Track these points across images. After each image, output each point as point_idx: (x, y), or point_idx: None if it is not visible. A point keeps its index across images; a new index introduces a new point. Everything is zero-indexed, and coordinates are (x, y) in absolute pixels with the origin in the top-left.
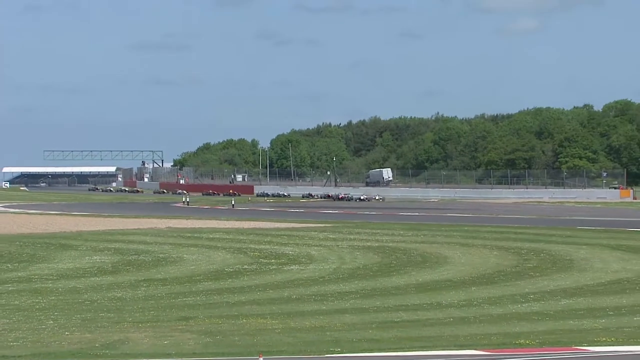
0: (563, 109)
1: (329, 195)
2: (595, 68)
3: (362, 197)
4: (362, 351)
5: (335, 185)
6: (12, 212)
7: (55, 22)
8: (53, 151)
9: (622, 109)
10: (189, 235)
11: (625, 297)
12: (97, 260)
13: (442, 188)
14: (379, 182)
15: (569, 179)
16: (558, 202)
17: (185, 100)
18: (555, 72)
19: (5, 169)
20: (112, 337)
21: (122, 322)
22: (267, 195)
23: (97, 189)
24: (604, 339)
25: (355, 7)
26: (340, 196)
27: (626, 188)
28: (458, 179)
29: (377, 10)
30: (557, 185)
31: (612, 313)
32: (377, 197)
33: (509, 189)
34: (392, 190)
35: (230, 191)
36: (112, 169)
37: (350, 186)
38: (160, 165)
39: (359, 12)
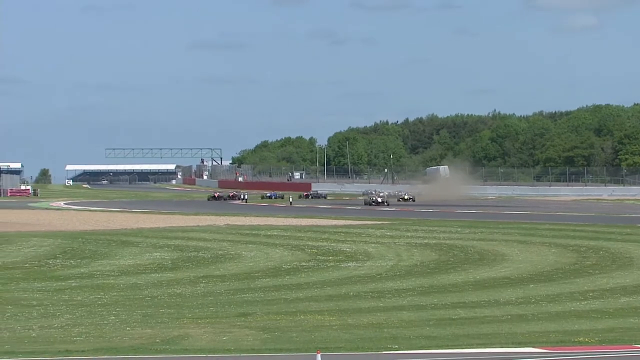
0: (623, 106)
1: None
2: None
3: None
4: (419, 348)
5: (393, 183)
6: (74, 209)
7: (114, 22)
8: (114, 149)
9: None
10: (247, 232)
11: None
12: (157, 256)
13: (500, 185)
14: (436, 179)
15: (629, 176)
16: (618, 199)
17: (243, 98)
18: (615, 68)
19: (68, 167)
20: (172, 332)
21: (181, 318)
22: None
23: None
24: None
25: (411, 5)
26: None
27: None
28: (516, 177)
29: (432, 8)
30: (616, 182)
31: None
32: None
33: (568, 186)
34: (452, 187)
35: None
36: (172, 166)
37: (407, 183)
38: (219, 163)
39: (415, 10)
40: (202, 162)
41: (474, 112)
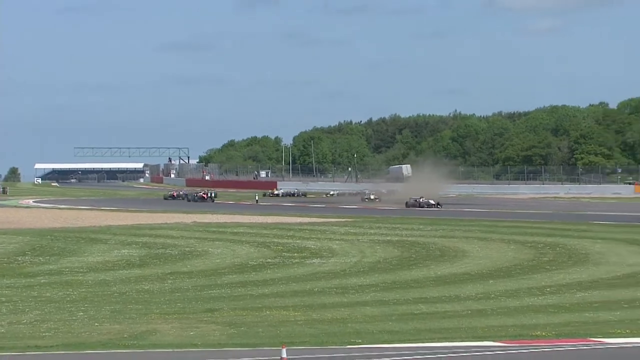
0: (579, 107)
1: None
2: (610, 66)
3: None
4: (382, 342)
5: (356, 182)
6: (43, 207)
7: (83, 23)
8: (83, 148)
9: (636, 107)
10: (214, 229)
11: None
12: (125, 253)
13: (460, 184)
14: (399, 178)
15: (585, 175)
16: (574, 197)
17: (211, 98)
18: (572, 70)
19: (38, 166)
20: (140, 328)
21: (149, 314)
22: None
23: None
24: (618, 330)
25: (376, 7)
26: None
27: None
28: (476, 175)
29: (397, 11)
30: (572, 181)
31: (626, 305)
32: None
33: (526, 184)
34: (412, 186)
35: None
36: (140, 165)
37: (370, 182)
38: (187, 162)
39: (380, 13)
40: (170, 161)
41: (435, 112)
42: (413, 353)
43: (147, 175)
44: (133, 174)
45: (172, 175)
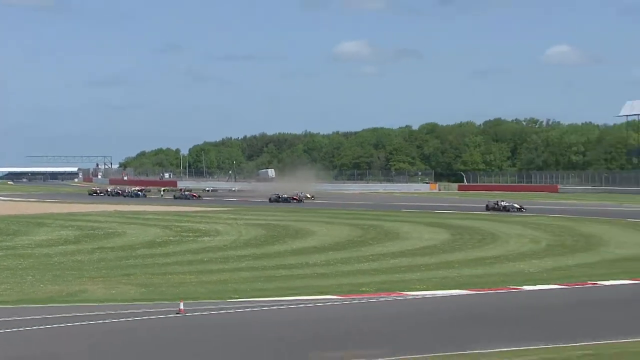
0: (392, 128)
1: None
2: (414, 99)
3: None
4: (253, 297)
5: (235, 181)
6: (1, 200)
7: (36, 53)
8: (32, 156)
9: (431, 129)
10: (130, 216)
11: (433, 258)
12: (64, 234)
13: (308, 183)
14: (266, 179)
15: (396, 176)
16: (389, 192)
17: (130, 120)
18: (387, 101)
19: None
20: (74, 288)
21: (81, 278)
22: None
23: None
24: (418, 286)
25: (264, 57)
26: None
27: (434, 183)
28: (321, 177)
29: (269, 58)
30: (388, 181)
31: (424, 269)
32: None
33: (356, 183)
34: (276, 185)
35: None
36: (75, 169)
37: (245, 181)
38: (110, 166)
39: (264, 59)
40: (97, 165)
41: (292, 131)
42: (276, 304)
43: (80, 176)
44: (70, 176)
45: (99, 176)
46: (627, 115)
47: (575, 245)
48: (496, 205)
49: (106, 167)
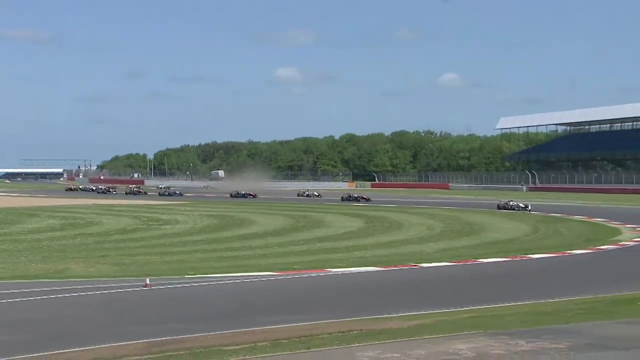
0: (318, 137)
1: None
2: (336, 115)
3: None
4: (206, 274)
5: (192, 180)
6: (1, 195)
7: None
8: (26, 159)
9: (349, 138)
10: (107, 208)
11: (351, 242)
12: (51, 222)
13: (255, 182)
14: (216, 179)
15: (322, 176)
16: (320, 189)
17: (106, 131)
18: (315, 116)
19: None
20: (60, 266)
21: (65, 258)
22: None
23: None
24: (339, 264)
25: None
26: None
27: (352, 181)
28: (262, 177)
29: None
30: (315, 180)
31: (344, 250)
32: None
33: (290, 182)
34: (225, 184)
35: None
36: (60, 170)
37: (200, 180)
38: (89, 167)
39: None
40: (79, 167)
41: (237, 139)
42: (224, 279)
43: (65, 176)
44: (56, 176)
45: (80, 176)
46: (501, 129)
47: (462, 231)
48: (506, 205)
49: (86, 168)
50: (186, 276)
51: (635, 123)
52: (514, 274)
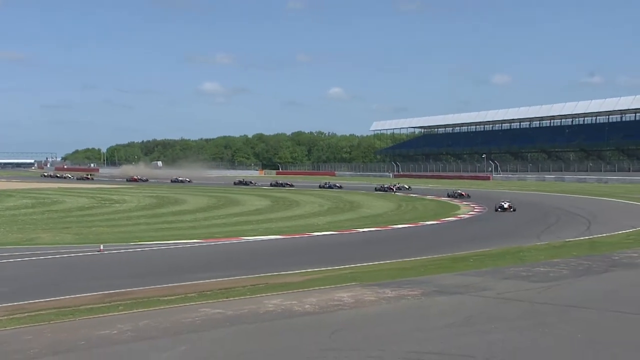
0: (235, 136)
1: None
2: (249, 119)
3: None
4: (148, 241)
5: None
6: None
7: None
8: (2, 152)
9: (259, 137)
10: (69, 191)
11: (261, 216)
12: (24, 202)
13: (187, 170)
14: (156, 168)
15: (238, 166)
16: (234, 176)
17: (69, 130)
18: (233, 119)
19: None
20: (31, 235)
21: (36, 230)
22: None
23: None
24: (251, 234)
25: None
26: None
27: (262, 170)
28: (193, 167)
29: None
30: (233, 169)
31: (255, 223)
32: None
33: (214, 170)
34: (163, 172)
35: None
36: (32, 160)
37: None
38: (56, 158)
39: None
40: (47, 159)
41: (172, 137)
42: (162, 246)
43: (35, 166)
44: (28, 165)
45: (48, 166)
46: (374, 130)
47: (344, 208)
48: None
49: (53, 159)
50: (132, 243)
51: (469, 127)
52: (382, 240)
